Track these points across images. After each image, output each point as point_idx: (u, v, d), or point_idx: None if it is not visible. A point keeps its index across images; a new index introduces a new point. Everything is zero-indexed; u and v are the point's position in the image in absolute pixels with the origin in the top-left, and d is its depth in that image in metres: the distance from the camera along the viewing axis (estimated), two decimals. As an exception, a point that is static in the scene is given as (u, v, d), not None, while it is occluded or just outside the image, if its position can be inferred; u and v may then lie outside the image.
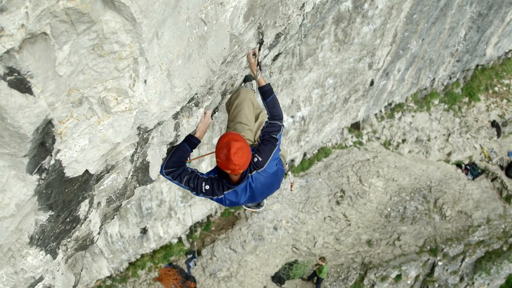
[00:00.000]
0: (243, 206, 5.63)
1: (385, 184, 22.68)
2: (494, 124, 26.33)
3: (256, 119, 6.01)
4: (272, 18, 4.40)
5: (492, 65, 27.64)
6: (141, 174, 4.18)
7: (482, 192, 23.76)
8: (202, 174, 4.91)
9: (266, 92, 5.10)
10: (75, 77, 2.39)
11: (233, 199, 4.91)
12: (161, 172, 4.73)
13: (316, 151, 23.03)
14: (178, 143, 4.80)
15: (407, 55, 19.84)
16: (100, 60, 2.47)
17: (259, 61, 4.97)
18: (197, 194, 4.80)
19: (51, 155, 2.54)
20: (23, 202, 2.58)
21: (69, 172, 2.77)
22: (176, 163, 4.80)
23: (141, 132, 3.23)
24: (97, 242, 16.01)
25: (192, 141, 4.89)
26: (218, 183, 4.81)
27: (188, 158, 5.45)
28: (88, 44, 2.34)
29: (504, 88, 27.79)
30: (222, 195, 4.83)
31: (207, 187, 4.77)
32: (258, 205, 5.88)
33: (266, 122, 5.05)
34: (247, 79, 5.97)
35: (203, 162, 16.17)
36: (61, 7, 2.02)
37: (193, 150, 5.02)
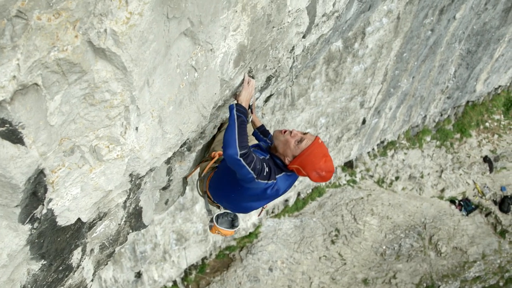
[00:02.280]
0: (216, 228, 5.16)
1: (379, 222, 22.62)
2: (486, 159, 26.44)
3: None
4: (263, 61, 4.44)
5: (483, 101, 27.88)
6: (134, 219, 4.17)
7: (476, 227, 23.71)
8: (255, 151, 4.43)
9: (265, 131, 5.19)
10: (66, 126, 2.40)
11: (282, 185, 4.41)
12: (233, 156, 3.93)
13: (310, 190, 23.01)
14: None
15: (398, 93, 19.98)
16: (92, 109, 2.49)
17: (250, 104, 5.01)
18: (254, 179, 4.10)
19: (43, 205, 2.53)
20: (15, 252, 2.57)
21: (62, 221, 2.76)
22: (247, 142, 4.06)
23: (133, 179, 3.23)
24: None
25: (242, 111, 4.17)
26: (272, 164, 4.34)
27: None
28: (80, 93, 2.35)
29: (495, 124, 27.99)
30: (275, 180, 4.30)
31: (267, 169, 4.22)
32: (233, 226, 5.31)
33: None
34: None
35: (196, 204, 16.10)
36: (53, 58, 2.04)
37: None
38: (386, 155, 25.11)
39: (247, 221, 20.41)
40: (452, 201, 24.72)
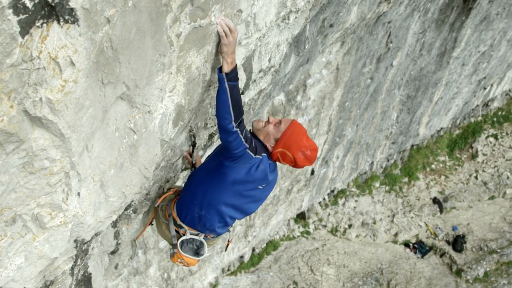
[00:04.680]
0: (179, 255, 4.54)
1: (336, 271, 22.59)
2: (435, 200, 26.85)
3: None
4: (203, 120, 4.50)
5: (427, 144, 28.47)
6: (84, 286, 4.11)
7: (432, 269, 23.88)
8: None
9: None
10: (6, 196, 2.40)
11: (265, 165, 4.16)
12: (228, 128, 3.63)
13: (265, 245, 22.88)
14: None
15: (344, 141, 20.25)
16: (31, 177, 2.49)
17: (193, 163, 5.04)
18: (245, 150, 3.87)
19: (-14, 277, 2.51)
20: (-41, 329, 2.52)
21: (7, 292, 2.73)
22: (241, 109, 3.71)
23: (78, 245, 3.21)
24: None
25: (234, 77, 3.52)
26: (256, 142, 4.09)
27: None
28: (18, 162, 2.36)
29: (441, 165, 28.56)
30: (261, 156, 4.06)
31: (253, 144, 3.98)
32: (197, 254, 4.64)
33: None
34: None
35: (151, 267, 15.83)
36: (-12, 129, 2.05)
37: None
38: (338, 203, 25.28)
39: (203, 280, 20.11)
40: (406, 244, 24.92)
